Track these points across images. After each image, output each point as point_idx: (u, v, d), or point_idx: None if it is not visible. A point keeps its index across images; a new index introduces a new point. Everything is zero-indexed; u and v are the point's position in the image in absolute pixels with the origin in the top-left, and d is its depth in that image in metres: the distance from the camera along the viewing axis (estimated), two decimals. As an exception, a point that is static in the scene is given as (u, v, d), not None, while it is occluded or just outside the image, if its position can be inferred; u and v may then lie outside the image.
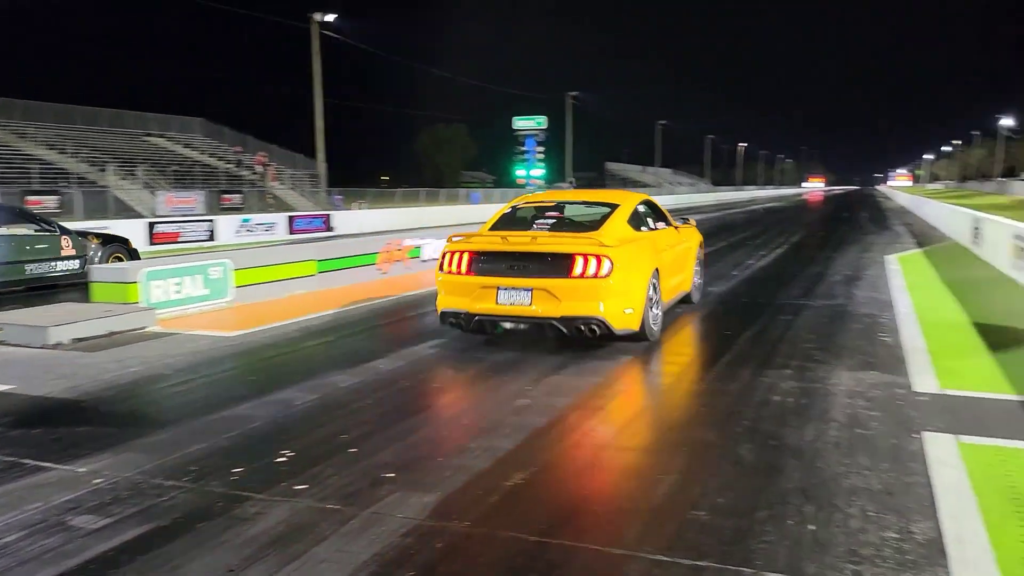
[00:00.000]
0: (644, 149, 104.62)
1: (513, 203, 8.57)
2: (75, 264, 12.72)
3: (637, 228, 7.75)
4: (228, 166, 39.28)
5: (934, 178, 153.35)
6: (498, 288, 6.81)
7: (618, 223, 7.38)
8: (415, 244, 14.35)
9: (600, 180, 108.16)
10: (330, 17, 35.34)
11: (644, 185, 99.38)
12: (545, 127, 21.71)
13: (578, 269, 6.58)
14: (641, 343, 7.47)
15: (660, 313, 7.67)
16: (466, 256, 7.07)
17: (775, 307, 10.01)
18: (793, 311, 9.68)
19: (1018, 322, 8.64)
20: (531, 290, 6.71)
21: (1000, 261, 13.45)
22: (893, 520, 3.66)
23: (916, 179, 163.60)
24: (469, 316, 7.00)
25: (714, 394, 5.94)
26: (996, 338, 7.74)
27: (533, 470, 4.39)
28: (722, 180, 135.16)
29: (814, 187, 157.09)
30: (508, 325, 6.99)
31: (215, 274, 10.38)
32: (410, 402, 5.86)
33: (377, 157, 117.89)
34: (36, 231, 12.48)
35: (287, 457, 4.64)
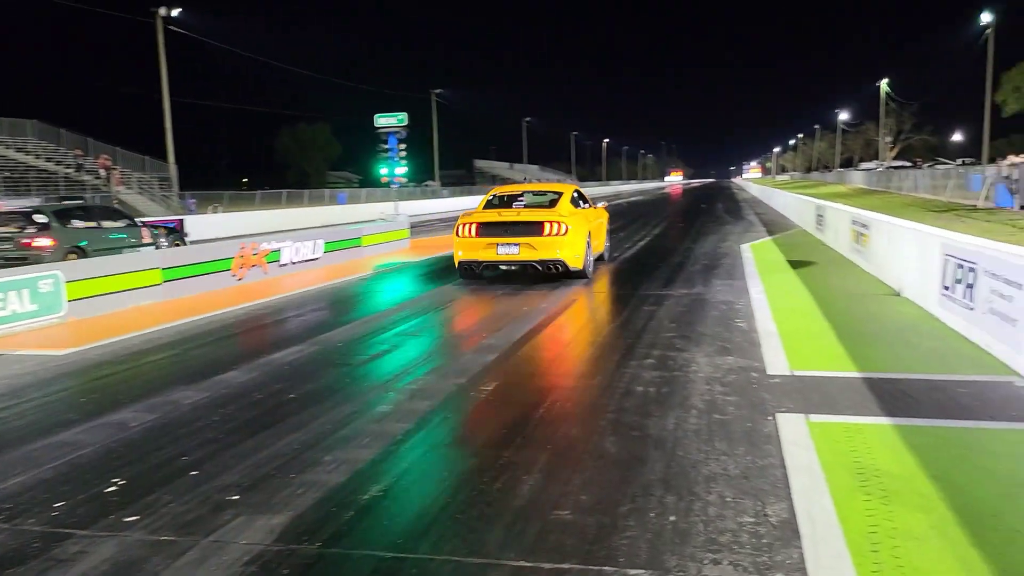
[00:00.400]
0: (512, 146, 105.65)
1: (491, 193, 12.47)
2: (151, 249, 14.84)
3: (576, 207, 11.51)
4: (68, 171, 36.37)
5: (782, 170, 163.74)
6: (497, 244, 10.56)
7: (565, 203, 11.21)
8: (273, 248, 13.72)
9: (469, 177, 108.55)
10: (176, 12, 33.37)
11: (512, 181, 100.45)
12: (407, 124, 21.30)
13: (547, 231, 10.36)
14: (582, 280, 11.40)
15: (592, 260, 11.58)
16: (474, 225, 10.78)
17: (638, 298, 10.22)
18: (656, 301, 9.92)
19: (856, 303, 9.21)
20: (519, 244, 10.50)
21: (841, 245, 14.40)
22: (749, 504, 3.71)
23: (766, 171, 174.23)
24: (479, 263, 10.79)
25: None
26: (839, 320, 8.21)
27: (391, 482, 4.19)
28: (588, 176, 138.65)
29: (674, 181, 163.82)
30: (504, 267, 10.98)
31: (45, 287, 9.47)
32: (262, 416, 5.50)
33: (237, 159, 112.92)
34: (127, 224, 15.55)
35: (118, 486, 4.21)
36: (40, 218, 14.01)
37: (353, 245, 16.47)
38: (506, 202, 11.93)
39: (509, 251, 10.71)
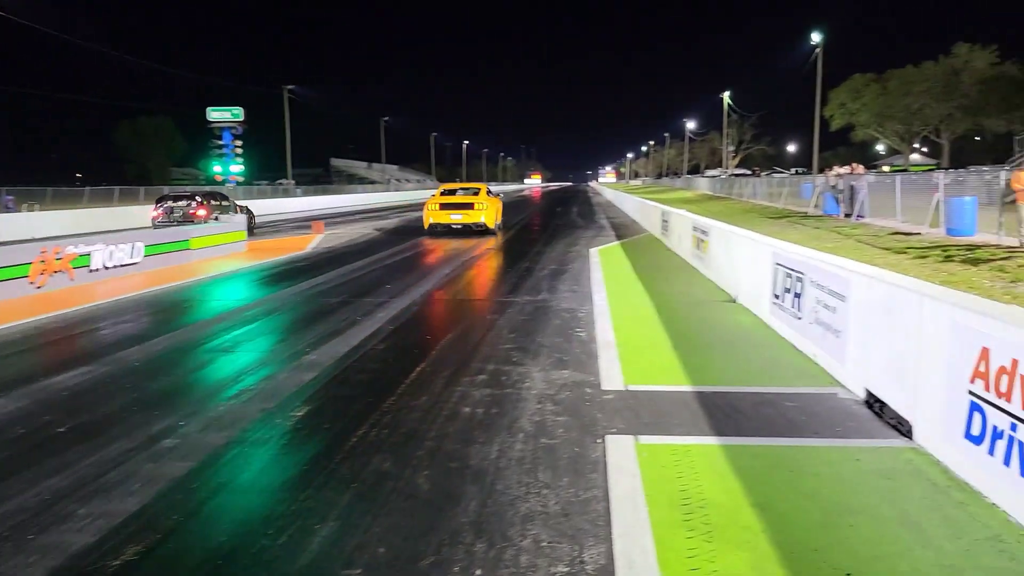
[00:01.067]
0: (372, 146, 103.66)
1: (441, 188, 21.89)
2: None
3: (488, 196, 20.35)
4: None
5: (635, 175, 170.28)
6: (450, 214, 19.41)
7: (483, 194, 20.30)
8: (82, 251, 12.31)
9: (326, 176, 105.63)
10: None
11: (371, 181, 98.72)
12: (242, 119, 20.06)
13: (475, 207, 19.39)
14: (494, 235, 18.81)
15: (499, 224, 21.61)
16: (438, 204, 19.76)
17: (481, 305, 9.85)
18: (498, 309, 9.58)
19: (695, 311, 9.25)
20: (461, 214, 19.47)
21: (684, 251, 14.69)
22: (566, 550, 3.34)
23: (621, 176, 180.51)
24: (441, 224, 19.41)
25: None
26: (677, 328, 8.16)
27: (151, 543, 3.51)
28: (448, 177, 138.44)
29: (533, 184, 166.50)
30: (455, 227, 19.77)
31: None
32: (17, 457, 4.62)
33: (72, 154, 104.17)
34: (225, 203, 21.24)
35: None
36: None
37: (179, 248, 15.16)
38: (451, 192, 21.88)
39: (456, 218, 20.09)
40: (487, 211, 20.41)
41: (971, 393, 4.04)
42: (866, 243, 15.97)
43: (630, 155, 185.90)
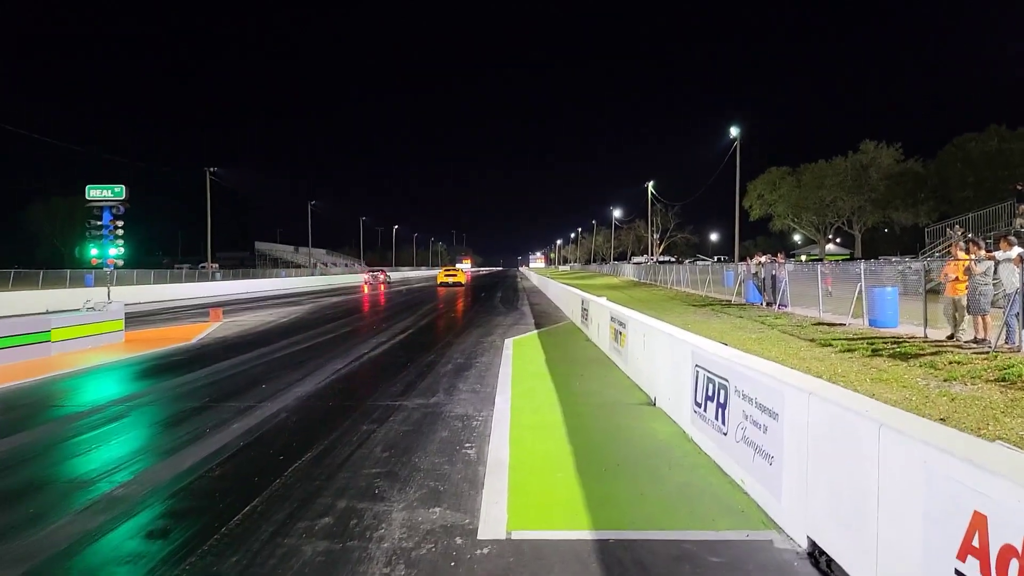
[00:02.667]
0: (299, 229, 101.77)
1: (443, 270, 59.36)
2: None
3: (462, 271, 59.01)
4: None
5: (564, 261, 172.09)
6: (447, 277, 53.62)
7: (461, 271, 57.58)
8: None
9: (251, 259, 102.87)
10: None
11: (297, 265, 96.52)
12: (124, 198, 18.09)
13: (462, 277, 54.56)
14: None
15: (467, 281, 59.18)
16: (443, 273, 55.60)
17: (362, 411, 8.41)
18: (381, 416, 8.15)
19: (607, 417, 8.02)
20: (453, 278, 53.43)
21: (603, 342, 13.59)
22: None
23: (550, 261, 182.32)
24: (444, 284, 52.02)
25: None
26: (584, 440, 6.89)
27: None
28: (378, 261, 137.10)
29: (464, 268, 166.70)
30: (451, 286, 50.43)
31: None
32: None
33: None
34: None
35: None
36: None
37: (37, 340, 13.22)
38: (449, 270, 55.26)
39: (453, 280, 51.33)
40: (463, 278, 51.80)
41: (959, 574, 2.85)
42: (790, 334, 15.23)
43: (559, 241, 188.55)
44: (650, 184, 74.51)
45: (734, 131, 45.40)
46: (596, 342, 14.67)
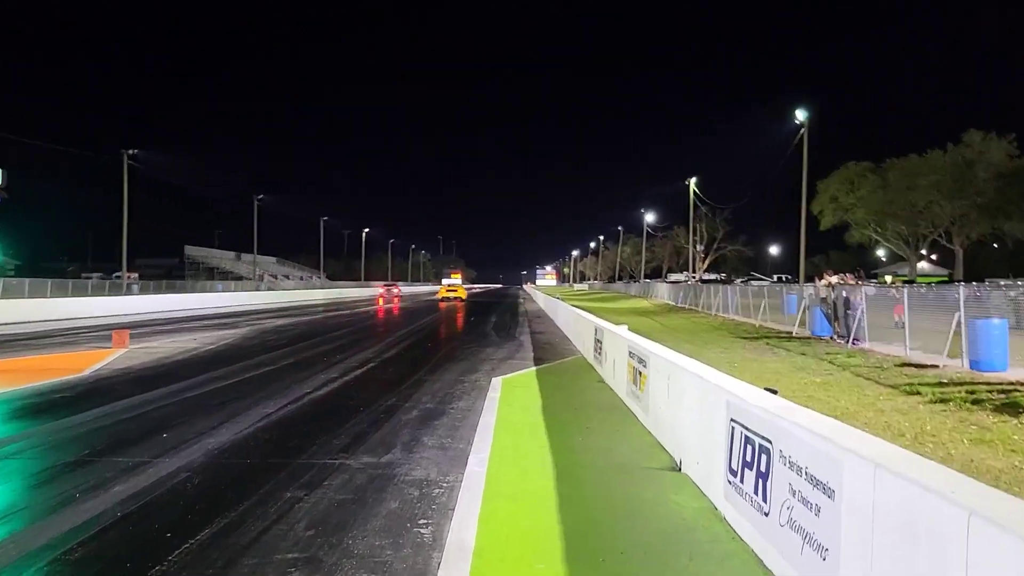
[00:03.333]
0: (244, 233, 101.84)
1: (445, 284, 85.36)
2: None
3: (462, 287, 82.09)
4: None
5: (581, 277, 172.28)
6: (448, 292, 74.78)
7: (461, 288, 79.56)
8: None
9: (179, 269, 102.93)
10: None
11: (238, 276, 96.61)
12: (3, 185, 17.66)
13: (460, 291, 75.54)
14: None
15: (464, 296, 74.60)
16: (445, 289, 77.63)
17: (290, 472, 8.10)
18: (314, 479, 7.85)
19: (615, 484, 7.71)
20: (454, 293, 74.74)
21: (619, 384, 13.30)
22: None
23: (563, 278, 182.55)
24: (445, 299, 72.49)
25: None
26: (581, 519, 6.58)
27: None
28: (342, 274, 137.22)
29: (453, 284, 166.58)
30: (451, 301, 68.99)
31: None
32: None
33: None
34: None
35: None
36: None
37: None
38: (450, 286, 76.08)
39: (453, 296, 70.76)
40: (463, 293, 72.97)
41: None
42: (865, 377, 14.98)
43: (575, 252, 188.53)
44: (692, 182, 74.01)
45: (800, 115, 44.85)
46: (611, 384, 14.40)
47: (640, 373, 11.41)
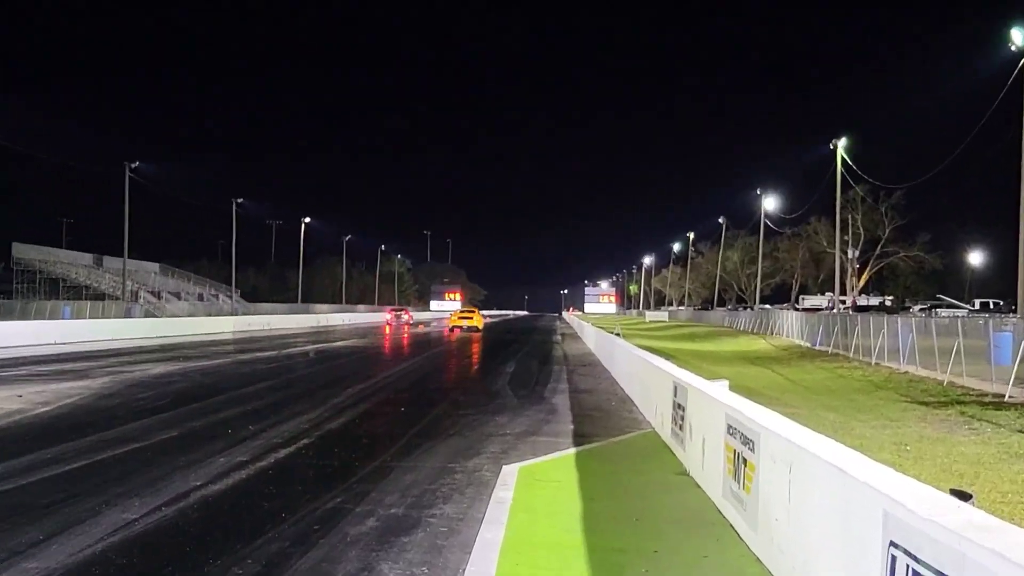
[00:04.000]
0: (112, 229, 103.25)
1: (457, 312, 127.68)
2: None
3: (478, 311, 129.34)
4: None
5: (660, 299, 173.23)
6: (462, 320, 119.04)
7: (477, 313, 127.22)
8: None
9: (7, 276, 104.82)
10: None
11: (98, 293, 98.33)
12: None
13: (476, 318, 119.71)
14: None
15: (480, 326, 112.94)
16: (457, 315, 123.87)
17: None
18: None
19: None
20: (467, 321, 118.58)
21: (711, 479, 13.25)
22: None
23: (627, 301, 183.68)
24: (458, 326, 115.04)
25: None
26: None
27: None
28: (269, 290, 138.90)
29: (448, 309, 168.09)
30: (465, 329, 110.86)
31: None
32: None
33: None
34: None
35: None
36: None
37: None
38: (463, 313, 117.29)
39: (466, 322, 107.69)
40: (479, 321, 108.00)
41: None
42: None
43: (647, 260, 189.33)
44: (840, 145, 72.99)
45: (1019, 36, 44.29)
46: (697, 478, 14.46)
47: (744, 460, 11.37)
